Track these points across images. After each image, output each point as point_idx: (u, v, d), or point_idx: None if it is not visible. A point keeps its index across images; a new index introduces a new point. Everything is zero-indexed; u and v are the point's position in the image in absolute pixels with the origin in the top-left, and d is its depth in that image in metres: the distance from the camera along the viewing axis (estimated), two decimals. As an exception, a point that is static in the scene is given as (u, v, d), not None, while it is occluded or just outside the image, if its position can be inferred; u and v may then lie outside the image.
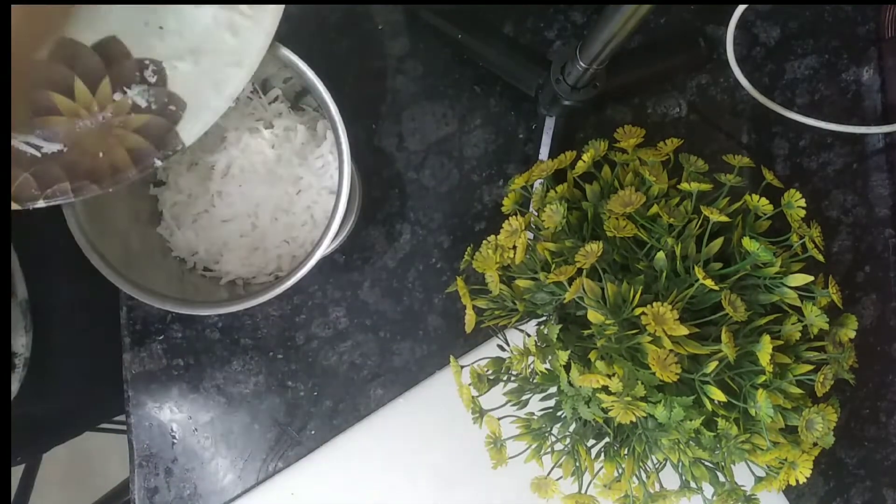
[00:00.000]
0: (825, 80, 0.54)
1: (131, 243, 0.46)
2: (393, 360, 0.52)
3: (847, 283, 0.54)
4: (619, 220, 0.38)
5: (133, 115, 0.40)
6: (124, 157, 0.40)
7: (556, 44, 0.53)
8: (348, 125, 0.41)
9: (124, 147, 0.40)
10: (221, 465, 0.52)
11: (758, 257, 0.38)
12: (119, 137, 0.40)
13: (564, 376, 0.38)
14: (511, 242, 0.40)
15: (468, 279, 0.45)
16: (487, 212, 0.52)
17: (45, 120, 0.39)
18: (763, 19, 0.53)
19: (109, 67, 0.40)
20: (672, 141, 0.43)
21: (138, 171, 0.40)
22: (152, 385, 0.52)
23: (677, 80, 0.53)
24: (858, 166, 0.54)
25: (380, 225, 0.52)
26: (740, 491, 0.39)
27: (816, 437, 0.37)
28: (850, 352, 0.41)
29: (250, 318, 0.52)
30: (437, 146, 0.52)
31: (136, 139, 0.40)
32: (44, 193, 0.39)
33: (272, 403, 0.52)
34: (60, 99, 0.39)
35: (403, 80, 0.52)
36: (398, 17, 0.52)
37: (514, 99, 0.52)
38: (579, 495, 0.40)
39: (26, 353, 0.50)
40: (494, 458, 0.41)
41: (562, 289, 0.40)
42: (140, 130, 0.40)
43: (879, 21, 0.54)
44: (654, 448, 0.39)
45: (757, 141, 0.54)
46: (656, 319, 0.34)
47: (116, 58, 0.40)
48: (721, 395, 0.36)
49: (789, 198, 0.41)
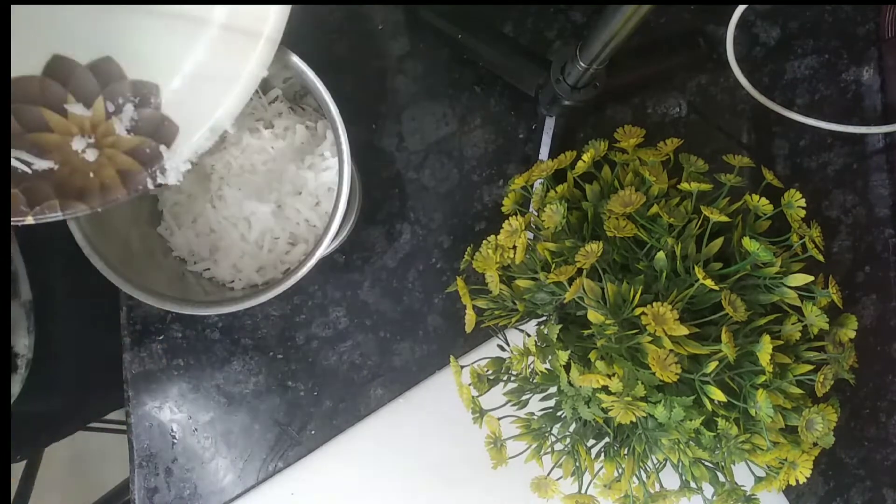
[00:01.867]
0: (825, 80, 0.54)
1: (131, 243, 0.46)
2: (393, 360, 0.52)
3: (847, 283, 0.54)
4: (619, 220, 0.38)
5: (125, 136, 0.40)
6: (114, 177, 0.39)
7: (556, 44, 0.53)
8: (348, 125, 0.41)
9: (115, 168, 0.40)
10: (221, 465, 0.52)
11: (758, 257, 0.38)
12: (110, 158, 0.40)
13: (564, 376, 0.38)
14: (511, 242, 0.40)
15: (468, 279, 0.45)
16: (487, 212, 0.52)
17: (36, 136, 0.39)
18: (763, 19, 0.53)
19: (104, 87, 0.39)
20: (672, 141, 0.43)
21: (128, 192, 0.40)
22: (152, 385, 0.52)
23: (677, 80, 0.53)
24: (858, 166, 0.54)
25: (380, 225, 0.52)
26: (740, 491, 0.39)
27: (816, 437, 0.37)
28: (850, 352, 0.41)
29: (250, 318, 0.52)
30: (437, 146, 0.52)
31: (127, 161, 0.40)
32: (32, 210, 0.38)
33: (272, 403, 0.52)
34: (53, 116, 0.39)
35: (403, 80, 0.52)
36: (398, 17, 0.52)
37: (514, 99, 0.52)
38: (579, 495, 0.40)
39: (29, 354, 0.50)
40: (494, 458, 0.41)
41: (562, 289, 0.40)
42: (131, 152, 0.40)
43: (879, 21, 0.54)
44: (654, 448, 0.39)
45: (757, 141, 0.54)
46: (656, 319, 0.34)
47: (111, 78, 0.39)
48: (721, 395, 0.36)
49: (789, 198, 0.41)
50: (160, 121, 0.40)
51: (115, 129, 0.40)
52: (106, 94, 0.39)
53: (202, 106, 0.39)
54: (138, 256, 0.46)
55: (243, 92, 0.39)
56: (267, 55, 0.39)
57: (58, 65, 0.39)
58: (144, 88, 0.40)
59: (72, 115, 0.39)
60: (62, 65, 0.39)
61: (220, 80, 0.39)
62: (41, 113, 0.39)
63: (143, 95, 0.40)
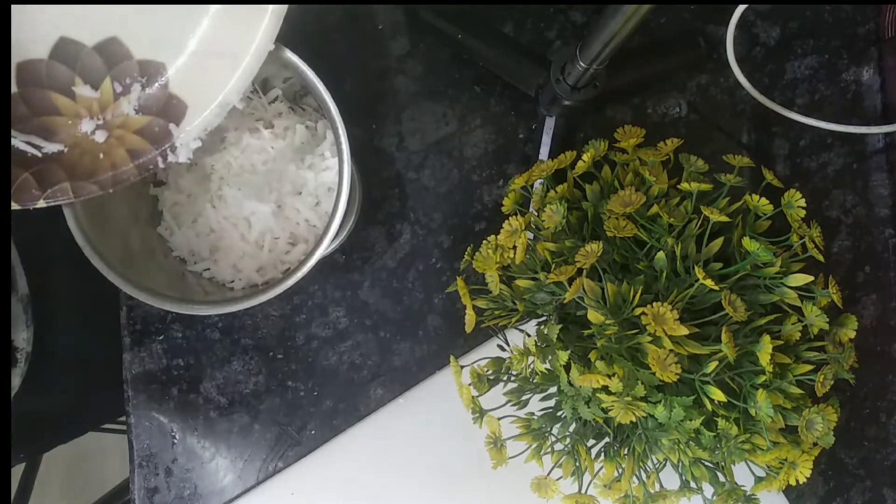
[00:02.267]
0: (825, 80, 0.54)
1: (131, 243, 0.46)
2: (393, 360, 0.52)
3: (847, 283, 0.54)
4: (619, 220, 0.38)
5: (134, 116, 0.40)
6: (125, 158, 0.40)
7: (556, 44, 0.53)
8: (348, 125, 0.41)
9: (125, 148, 0.40)
10: (221, 465, 0.52)
11: (758, 257, 0.38)
12: (119, 138, 0.40)
13: (564, 376, 0.38)
14: (511, 242, 0.40)
15: (468, 279, 0.45)
16: (487, 212, 0.52)
17: (45, 120, 0.39)
18: (763, 19, 0.53)
19: (111, 69, 0.40)
20: (672, 141, 0.43)
21: (139, 172, 0.40)
22: (152, 385, 0.52)
23: (677, 80, 0.53)
24: (858, 166, 0.54)
25: (380, 225, 0.52)
26: (740, 491, 0.39)
27: (816, 437, 0.37)
28: (850, 352, 0.41)
29: (250, 318, 0.52)
30: (437, 146, 0.52)
31: (137, 140, 0.40)
32: (44, 194, 0.39)
33: (272, 403, 0.52)
34: (61, 99, 0.39)
35: (403, 80, 0.52)
36: (398, 17, 0.52)
37: (514, 99, 0.52)
38: (579, 495, 0.40)
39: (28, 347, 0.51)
40: (494, 458, 0.41)
41: (562, 289, 0.40)
42: (141, 132, 0.40)
43: (879, 21, 0.54)
44: (654, 448, 0.39)
45: (757, 141, 0.54)
46: (656, 319, 0.34)
47: (118, 59, 0.40)
48: (721, 395, 0.36)
49: (789, 198, 0.41)
50: (168, 99, 0.40)
51: (124, 109, 0.40)
52: (113, 74, 0.40)
53: (210, 82, 0.39)
54: (138, 256, 0.46)
55: (251, 66, 0.39)
56: (273, 27, 0.38)
57: (64, 47, 0.39)
58: (151, 68, 0.40)
59: (80, 97, 0.40)
60: (69, 47, 0.39)
61: (227, 56, 0.39)
62: (49, 96, 0.39)
63: (151, 75, 0.40)
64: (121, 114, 0.40)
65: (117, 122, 0.40)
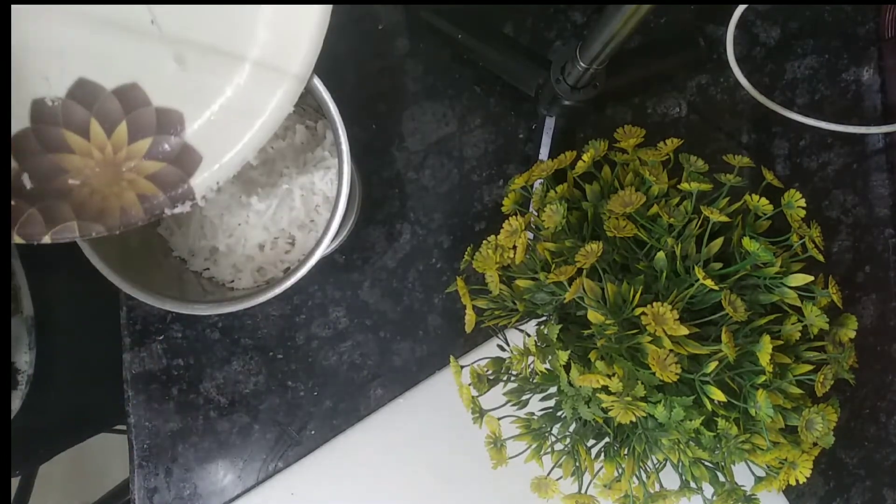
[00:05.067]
0: (825, 80, 0.54)
1: (131, 243, 0.46)
2: (393, 360, 0.52)
3: (847, 283, 0.54)
4: (619, 220, 0.38)
5: (147, 162, 0.40)
6: (134, 201, 0.39)
7: (556, 44, 0.53)
8: (348, 125, 0.41)
9: (135, 192, 0.39)
10: (221, 465, 0.52)
11: (758, 257, 0.38)
12: (130, 182, 0.40)
13: (564, 376, 0.38)
14: (511, 242, 0.40)
15: (468, 279, 0.45)
16: (487, 212, 0.52)
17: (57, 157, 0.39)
18: (763, 19, 0.53)
19: (128, 113, 0.39)
20: (672, 141, 0.43)
21: (147, 217, 0.40)
22: (152, 385, 0.52)
23: (677, 80, 0.53)
24: (858, 166, 0.54)
25: (380, 225, 0.52)
26: (740, 491, 0.39)
27: (816, 437, 0.37)
28: (850, 352, 0.41)
29: (250, 318, 0.52)
30: (437, 146, 0.52)
31: (148, 185, 0.40)
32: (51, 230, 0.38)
33: (272, 403, 0.52)
34: (74, 137, 0.39)
35: (403, 80, 0.52)
36: (398, 17, 0.52)
37: (514, 99, 0.52)
38: (579, 495, 0.40)
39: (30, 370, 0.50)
40: (494, 458, 0.41)
41: (562, 289, 0.40)
42: (152, 178, 0.40)
43: (879, 21, 0.54)
44: (654, 448, 0.39)
45: (757, 141, 0.54)
46: (656, 319, 0.34)
47: (135, 104, 0.39)
48: (721, 395, 0.36)
49: (789, 198, 0.41)
50: (183, 149, 0.40)
51: (138, 153, 0.40)
52: (129, 119, 0.39)
53: (227, 137, 0.39)
54: (138, 256, 0.46)
55: (269, 126, 0.39)
56: (295, 92, 0.39)
57: (83, 88, 0.39)
58: (169, 116, 0.40)
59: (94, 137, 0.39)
60: (87, 88, 0.39)
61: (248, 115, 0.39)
62: (62, 134, 0.39)
63: (168, 123, 0.40)
64: (134, 157, 0.40)
65: (129, 166, 0.40)
